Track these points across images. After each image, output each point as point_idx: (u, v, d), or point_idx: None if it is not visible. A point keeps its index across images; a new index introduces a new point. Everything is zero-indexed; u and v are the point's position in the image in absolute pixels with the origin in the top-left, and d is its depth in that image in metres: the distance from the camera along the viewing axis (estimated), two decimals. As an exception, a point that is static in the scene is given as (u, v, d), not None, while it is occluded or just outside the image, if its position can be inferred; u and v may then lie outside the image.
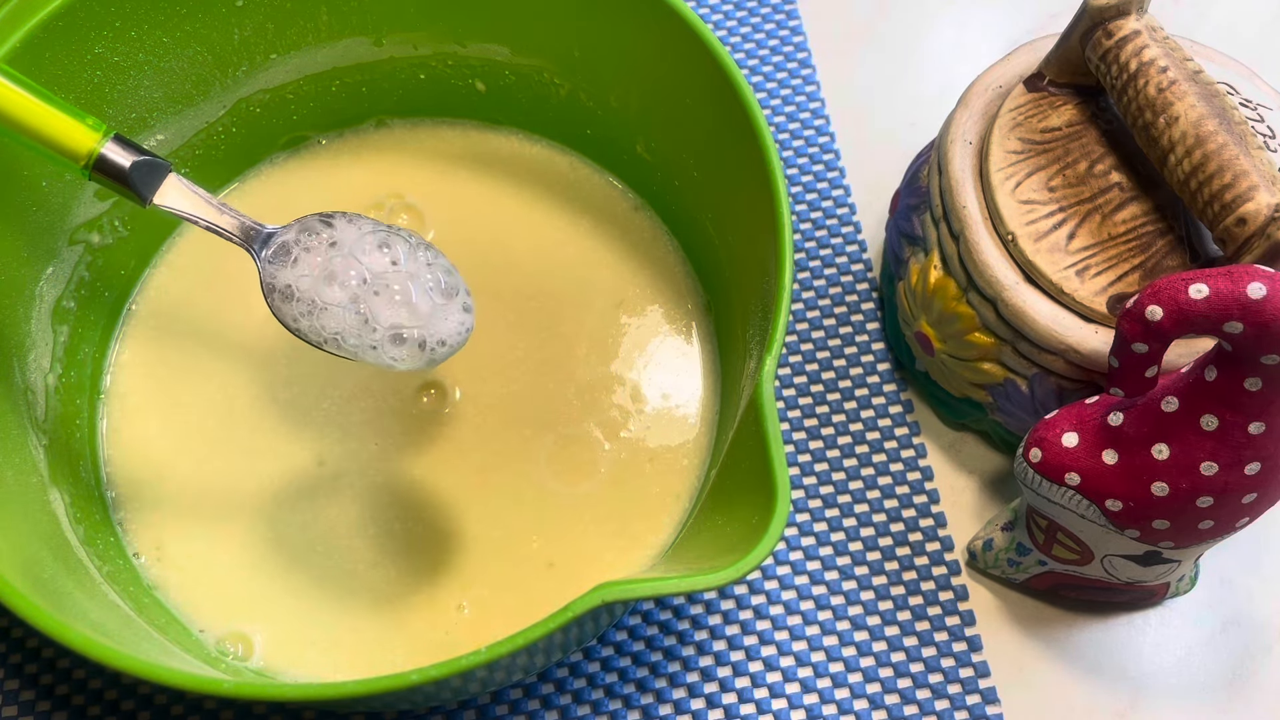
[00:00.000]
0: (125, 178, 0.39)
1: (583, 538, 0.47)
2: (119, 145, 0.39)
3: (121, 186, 0.39)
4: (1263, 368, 0.36)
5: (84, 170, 0.39)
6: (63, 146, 0.38)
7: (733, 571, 0.32)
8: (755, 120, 0.42)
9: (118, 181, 0.39)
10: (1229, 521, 0.40)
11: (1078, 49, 0.45)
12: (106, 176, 0.39)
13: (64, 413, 0.47)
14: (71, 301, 0.48)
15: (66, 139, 0.38)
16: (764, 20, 0.63)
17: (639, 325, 0.52)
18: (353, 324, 0.40)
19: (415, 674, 0.33)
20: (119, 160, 0.39)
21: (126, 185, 0.39)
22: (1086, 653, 0.48)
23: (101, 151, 0.38)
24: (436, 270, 0.41)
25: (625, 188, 0.54)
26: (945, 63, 0.62)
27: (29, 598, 0.35)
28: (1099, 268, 0.43)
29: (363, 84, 0.53)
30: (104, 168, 0.39)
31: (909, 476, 0.51)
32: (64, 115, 0.38)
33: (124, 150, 0.39)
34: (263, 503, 0.48)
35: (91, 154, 0.38)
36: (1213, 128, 0.40)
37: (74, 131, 0.38)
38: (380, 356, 0.40)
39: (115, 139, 0.39)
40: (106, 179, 0.39)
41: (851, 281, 0.56)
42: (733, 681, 0.47)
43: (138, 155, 0.39)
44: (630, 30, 0.46)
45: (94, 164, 0.39)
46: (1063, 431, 0.41)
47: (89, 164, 0.39)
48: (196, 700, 0.47)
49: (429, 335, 0.40)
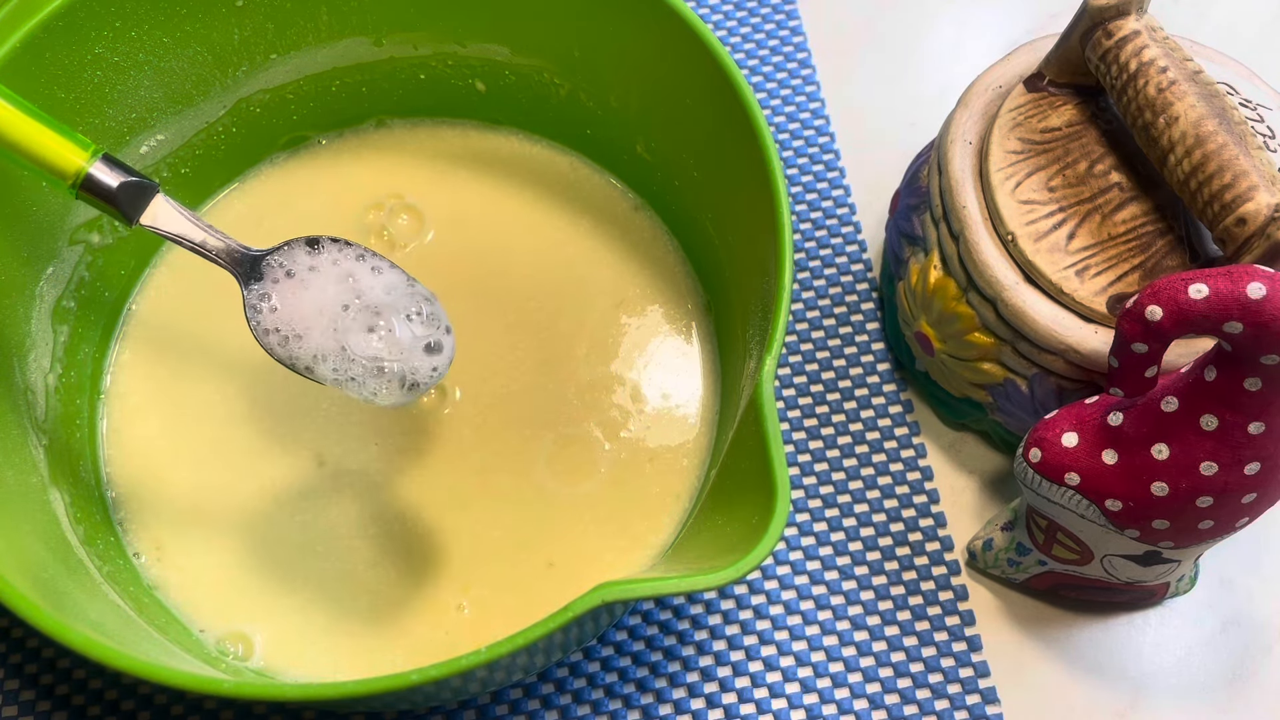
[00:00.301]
0: (112, 198, 0.39)
1: (583, 538, 0.47)
2: (107, 165, 0.39)
3: (108, 206, 0.39)
4: (1262, 368, 0.36)
5: (71, 189, 0.38)
6: (50, 164, 0.38)
7: (733, 571, 0.32)
8: (755, 120, 0.42)
9: (105, 201, 0.39)
10: (1229, 521, 0.40)
11: (1078, 49, 0.45)
12: (94, 196, 0.39)
13: (64, 413, 0.47)
14: (71, 301, 0.48)
15: (54, 157, 0.38)
16: (764, 20, 0.63)
17: (639, 325, 0.52)
18: (332, 352, 0.39)
19: (415, 674, 0.33)
20: (106, 180, 0.38)
21: (114, 205, 0.39)
22: (1086, 653, 0.49)
23: (89, 171, 0.38)
24: (418, 299, 0.41)
25: (625, 188, 0.54)
26: (945, 63, 0.62)
27: (29, 598, 0.35)
28: (1099, 268, 0.43)
29: (363, 84, 0.53)
30: (91, 187, 0.38)
31: (909, 476, 0.51)
32: (52, 133, 0.38)
33: (112, 170, 0.39)
34: (263, 503, 0.48)
35: (79, 173, 0.38)
36: (1212, 128, 0.40)
37: (62, 149, 0.38)
38: (360, 389, 0.40)
39: (104, 159, 0.39)
40: (93, 198, 0.39)
41: (851, 281, 0.56)
42: (733, 681, 0.47)
43: (125, 176, 0.39)
44: (630, 30, 0.46)
45: (81, 183, 0.38)
46: (1062, 431, 0.41)
47: (76, 183, 0.38)
48: (196, 700, 0.47)
49: (408, 368, 0.40)
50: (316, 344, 0.39)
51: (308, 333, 0.40)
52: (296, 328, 0.40)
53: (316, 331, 0.40)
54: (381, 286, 0.41)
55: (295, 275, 0.40)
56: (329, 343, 0.40)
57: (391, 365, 0.40)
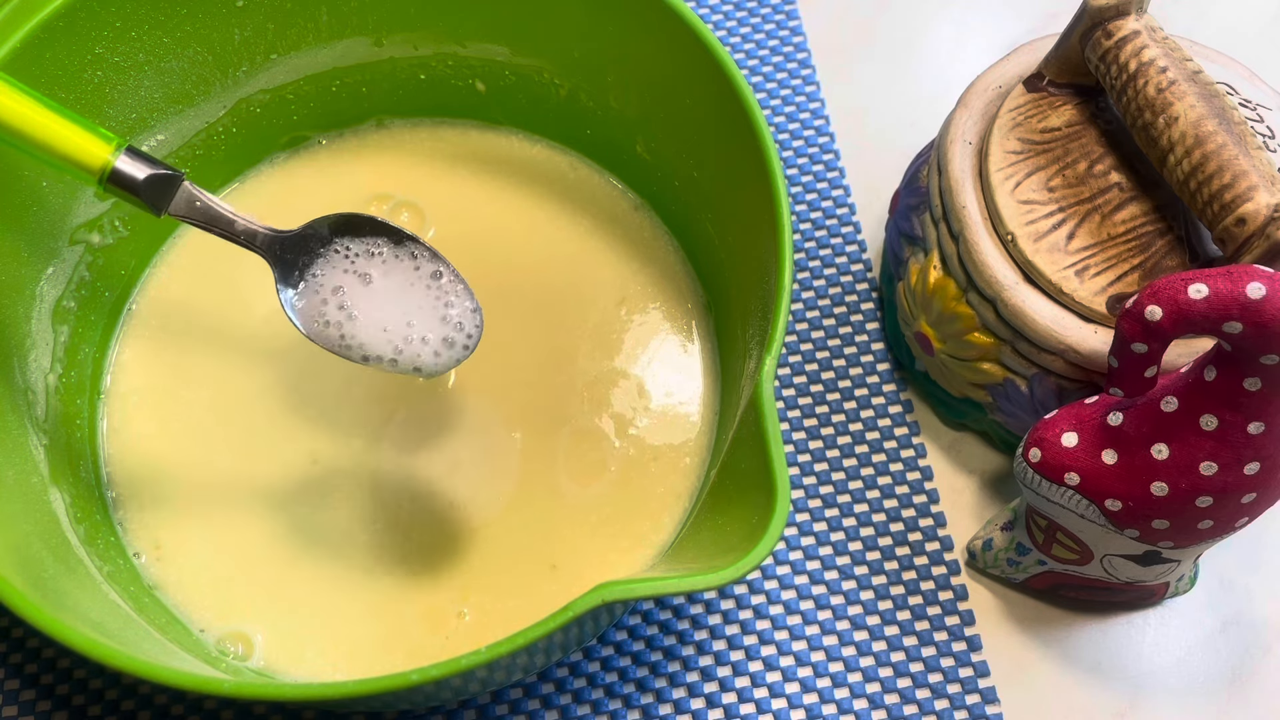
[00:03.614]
0: (139, 189, 0.39)
1: (587, 538, 0.47)
2: (131, 157, 0.39)
3: (135, 198, 0.39)
4: (1262, 368, 0.36)
5: (99, 184, 0.38)
6: (77, 160, 0.38)
7: (733, 571, 0.32)
8: (755, 120, 0.42)
9: (132, 194, 0.39)
10: (1228, 521, 0.40)
11: (1077, 49, 0.45)
12: (122, 189, 0.39)
13: (64, 412, 0.47)
14: (72, 301, 0.48)
15: (80, 153, 0.38)
16: (764, 20, 0.63)
17: (641, 323, 0.52)
18: (391, 332, 0.41)
19: (415, 674, 0.33)
20: (133, 172, 0.38)
21: (140, 197, 0.39)
22: (1086, 653, 0.49)
23: (115, 165, 0.38)
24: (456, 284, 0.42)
25: (625, 188, 0.54)
26: (944, 63, 0.62)
27: (29, 597, 0.35)
28: (1098, 268, 0.43)
29: (363, 84, 0.53)
30: (119, 180, 0.38)
31: (909, 476, 0.51)
32: (77, 128, 0.38)
33: (136, 162, 0.39)
34: (264, 502, 0.48)
35: (105, 167, 0.38)
36: (1212, 128, 0.40)
37: (87, 144, 0.38)
38: (403, 363, 0.41)
39: (128, 151, 0.39)
40: (121, 191, 0.39)
41: (851, 281, 0.56)
42: (732, 681, 0.48)
43: (151, 167, 0.39)
44: (630, 30, 0.46)
45: (108, 177, 0.38)
46: (1062, 431, 0.41)
47: (103, 178, 0.38)
48: (196, 700, 0.47)
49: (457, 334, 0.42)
50: (376, 325, 0.41)
51: (367, 316, 0.41)
52: (356, 313, 0.41)
53: (382, 315, 0.41)
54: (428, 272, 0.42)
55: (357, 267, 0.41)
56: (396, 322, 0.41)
57: (453, 336, 0.41)
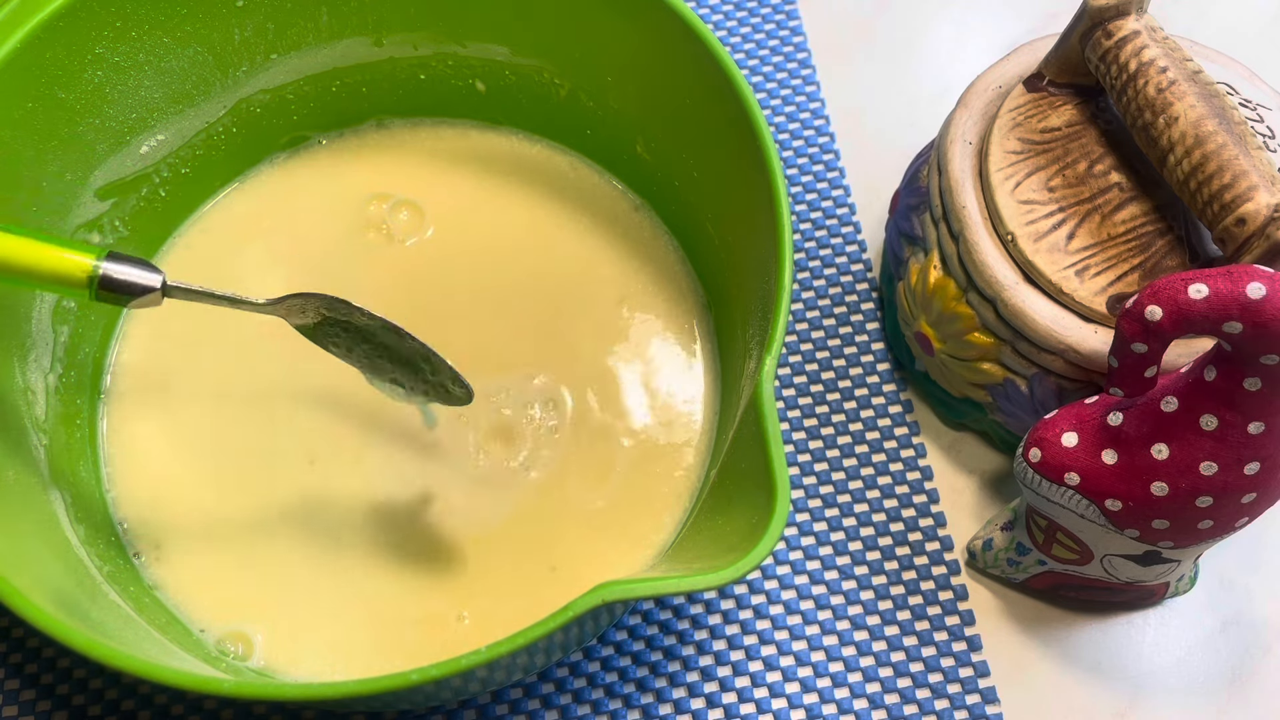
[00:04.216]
0: (129, 290, 0.39)
1: (587, 540, 0.47)
2: (115, 263, 0.39)
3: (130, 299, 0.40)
4: (1262, 368, 0.36)
5: (91, 295, 0.39)
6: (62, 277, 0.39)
7: (733, 571, 0.32)
8: (755, 120, 0.42)
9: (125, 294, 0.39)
10: (1228, 521, 0.40)
11: (1077, 49, 0.45)
12: (114, 293, 0.39)
13: (64, 413, 0.47)
14: (72, 301, 0.48)
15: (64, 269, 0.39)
16: (764, 20, 0.63)
17: (641, 323, 0.52)
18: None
19: (415, 674, 0.33)
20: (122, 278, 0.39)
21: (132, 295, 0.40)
22: (1086, 653, 0.49)
23: (103, 271, 0.39)
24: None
25: (625, 188, 0.54)
26: (944, 63, 0.62)
27: (29, 597, 0.35)
28: (1099, 268, 0.43)
29: (363, 84, 0.53)
30: (109, 285, 0.39)
31: (909, 476, 0.51)
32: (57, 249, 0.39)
33: (121, 265, 0.39)
34: (264, 502, 0.48)
35: (93, 278, 0.39)
36: (1212, 128, 0.40)
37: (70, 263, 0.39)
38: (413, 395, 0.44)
39: (110, 256, 0.39)
40: (114, 295, 0.39)
41: (851, 281, 0.56)
42: (732, 681, 0.48)
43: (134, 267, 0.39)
44: (631, 31, 0.46)
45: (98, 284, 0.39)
46: (1062, 431, 0.41)
47: (92, 288, 0.39)
48: (196, 700, 0.47)
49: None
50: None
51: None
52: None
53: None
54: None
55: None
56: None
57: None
